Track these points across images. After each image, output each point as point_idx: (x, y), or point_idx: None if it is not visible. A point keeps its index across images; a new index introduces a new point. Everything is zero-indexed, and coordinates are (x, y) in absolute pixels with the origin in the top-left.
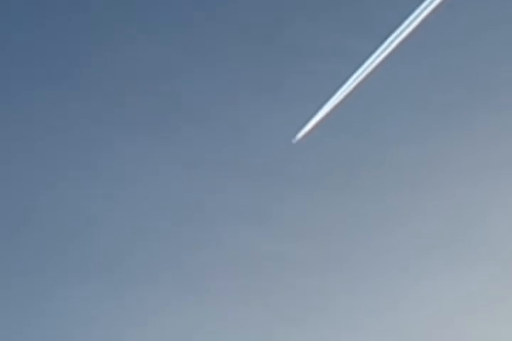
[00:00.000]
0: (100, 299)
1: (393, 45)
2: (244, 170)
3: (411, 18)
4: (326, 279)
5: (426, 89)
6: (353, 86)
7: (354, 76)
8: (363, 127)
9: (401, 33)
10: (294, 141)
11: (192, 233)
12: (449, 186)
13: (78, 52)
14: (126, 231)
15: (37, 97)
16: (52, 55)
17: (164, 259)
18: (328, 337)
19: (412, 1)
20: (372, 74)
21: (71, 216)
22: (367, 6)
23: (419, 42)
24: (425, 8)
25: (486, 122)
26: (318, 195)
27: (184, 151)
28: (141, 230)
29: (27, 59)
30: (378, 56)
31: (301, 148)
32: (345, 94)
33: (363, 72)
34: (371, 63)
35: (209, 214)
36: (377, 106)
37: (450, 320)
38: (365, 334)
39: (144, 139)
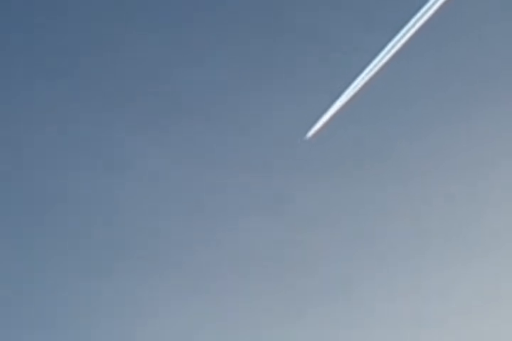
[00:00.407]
0: (100, 299)
1: (402, 41)
2: (252, 165)
3: (420, 13)
4: (325, 279)
5: (430, 86)
6: (362, 83)
7: (362, 74)
8: (372, 122)
9: (410, 28)
10: (306, 138)
11: (192, 233)
12: (448, 182)
13: (78, 52)
14: (126, 231)
15: (36, 97)
16: (52, 54)
17: (164, 259)
18: (328, 337)
19: None
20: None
21: (70, 216)
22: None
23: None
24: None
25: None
26: (318, 193)
27: (187, 150)
28: (141, 230)
29: (27, 59)
30: (388, 52)
31: (308, 143)
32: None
33: (371, 70)
34: (379, 61)
35: (209, 214)
36: (382, 103)
37: (445, 318)
38: (364, 333)
39: (144, 139)
